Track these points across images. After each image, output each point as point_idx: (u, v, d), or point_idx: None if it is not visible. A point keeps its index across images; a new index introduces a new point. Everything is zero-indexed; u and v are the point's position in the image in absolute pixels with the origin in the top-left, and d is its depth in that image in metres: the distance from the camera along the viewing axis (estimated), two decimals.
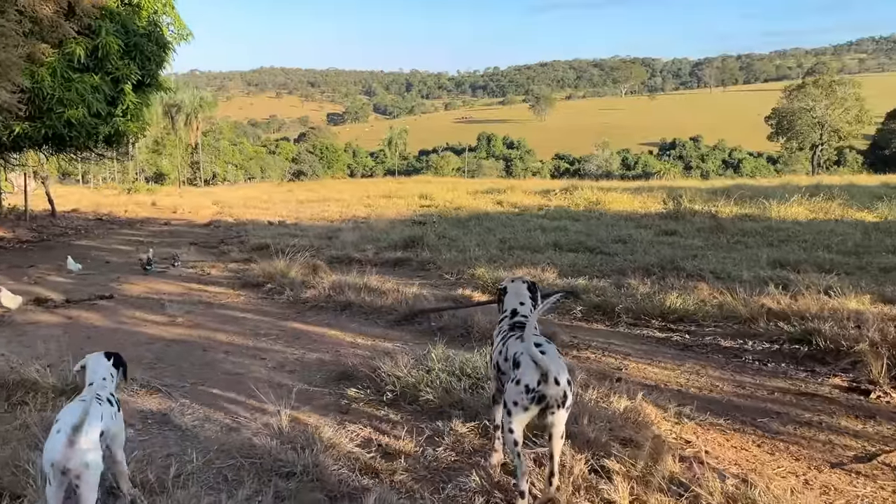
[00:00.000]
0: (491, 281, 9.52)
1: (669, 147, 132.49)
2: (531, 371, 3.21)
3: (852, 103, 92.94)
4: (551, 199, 25.34)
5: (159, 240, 18.29)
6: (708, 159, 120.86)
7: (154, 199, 31.97)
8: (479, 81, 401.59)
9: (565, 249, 13.32)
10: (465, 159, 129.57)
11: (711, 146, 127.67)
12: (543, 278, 9.49)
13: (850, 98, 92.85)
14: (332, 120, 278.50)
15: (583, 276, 9.93)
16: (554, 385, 3.18)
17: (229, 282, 10.90)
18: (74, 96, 13.61)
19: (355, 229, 18.05)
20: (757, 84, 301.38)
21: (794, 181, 34.77)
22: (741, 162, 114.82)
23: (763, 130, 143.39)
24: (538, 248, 13.22)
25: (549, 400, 3.20)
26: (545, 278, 9.51)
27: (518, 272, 10.00)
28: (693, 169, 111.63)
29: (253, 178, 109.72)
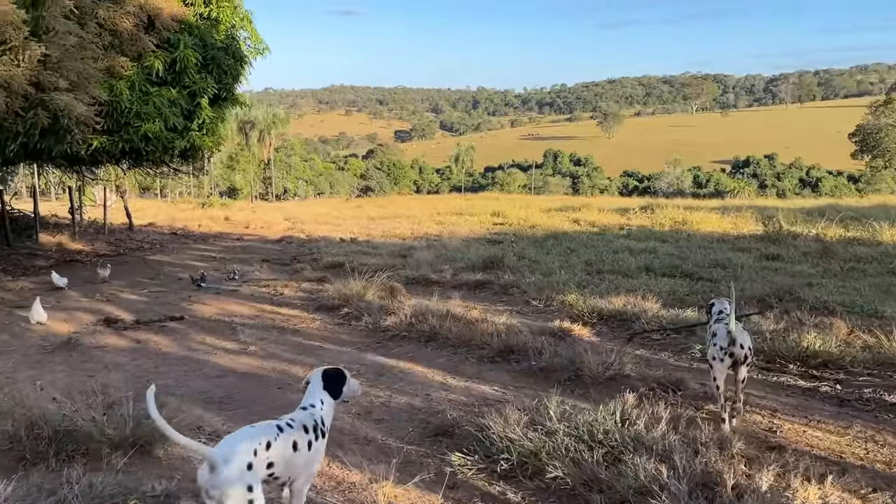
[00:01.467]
0: (587, 310, 8.60)
1: (743, 165, 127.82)
2: (724, 337, 4.69)
3: None
4: (631, 218, 24.13)
5: (232, 255, 18.04)
6: (784, 178, 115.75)
7: (227, 214, 32.19)
8: (546, 98, 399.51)
9: (659, 274, 12.25)
10: (531, 176, 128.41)
11: (787, 164, 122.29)
12: (645, 308, 8.50)
13: None
14: (399, 137, 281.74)
15: (688, 307, 8.88)
16: (739, 348, 4.66)
17: (303, 304, 10.29)
18: (151, 110, 13.40)
19: (429, 248, 17.37)
20: (836, 100, 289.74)
21: (890, 201, 32.42)
22: (820, 181, 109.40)
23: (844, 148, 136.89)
24: (629, 273, 12.19)
25: (736, 357, 4.69)
26: (647, 308, 8.52)
27: (615, 300, 9.04)
28: (768, 187, 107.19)
29: (322, 193, 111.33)
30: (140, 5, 13.81)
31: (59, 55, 10.21)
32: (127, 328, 8.57)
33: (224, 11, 16.27)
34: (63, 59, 10.32)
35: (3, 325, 8.82)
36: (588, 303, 8.81)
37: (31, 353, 7.25)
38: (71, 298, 11.02)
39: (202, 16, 15.95)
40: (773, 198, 76.67)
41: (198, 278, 12.57)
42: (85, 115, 10.48)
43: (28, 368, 6.55)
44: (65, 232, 20.83)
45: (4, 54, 9.26)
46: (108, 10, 13.02)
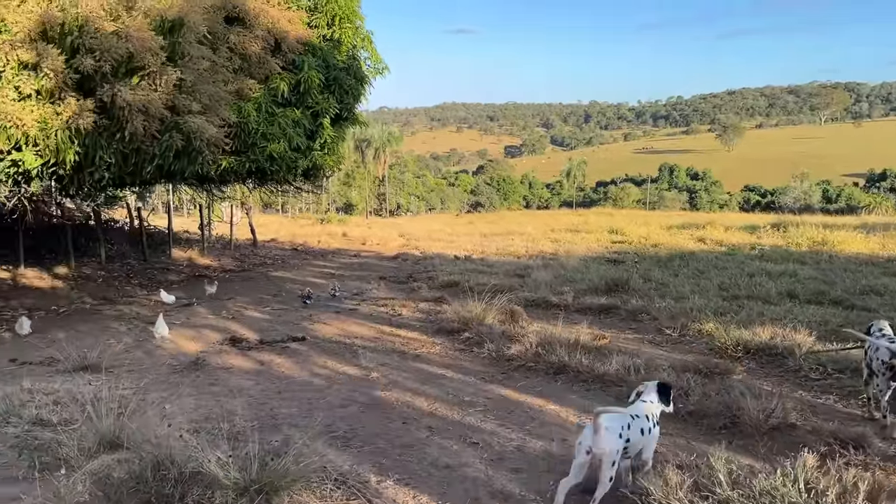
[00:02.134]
0: (731, 342, 7.82)
1: (879, 178, 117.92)
2: (886, 351, 5.10)
3: None
4: (761, 237, 22.57)
5: (350, 272, 18.23)
6: None
7: (345, 231, 32.93)
8: (661, 111, 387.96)
9: (803, 301, 11.16)
10: (645, 191, 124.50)
11: None
12: (797, 341, 7.62)
13: None
14: (509, 152, 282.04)
15: (846, 340, 7.90)
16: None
17: (422, 325, 10.05)
18: (277, 131, 13.69)
19: (546, 267, 16.83)
20: None
21: None
22: None
23: None
24: (770, 299, 11.17)
25: None
26: (799, 341, 7.63)
27: (759, 331, 8.19)
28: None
29: (433, 208, 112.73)
30: (268, 29, 14.19)
31: (192, 79, 10.55)
32: (251, 348, 8.61)
33: (346, 33, 16.52)
34: (196, 83, 10.66)
35: (137, 341, 9.10)
36: (730, 334, 8.02)
37: (162, 373, 7.35)
38: (199, 315, 11.33)
39: (325, 37, 16.27)
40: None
41: (304, 296, 13.04)
42: (215, 137, 10.77)
43: (158, 389, 6.60)
44: (195, 247, 21.87)
45: (143, 79, 9.62)
46: (239, 34, 13.44)
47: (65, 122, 8.75)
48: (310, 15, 16.22)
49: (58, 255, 16.77)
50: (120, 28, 9.26)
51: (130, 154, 10.14)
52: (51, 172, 9.41)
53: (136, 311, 11.44)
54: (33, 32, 8.54)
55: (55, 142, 8.76)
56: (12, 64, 8.44)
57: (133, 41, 9.24)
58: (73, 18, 8.94)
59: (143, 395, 6.18)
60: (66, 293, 13.50)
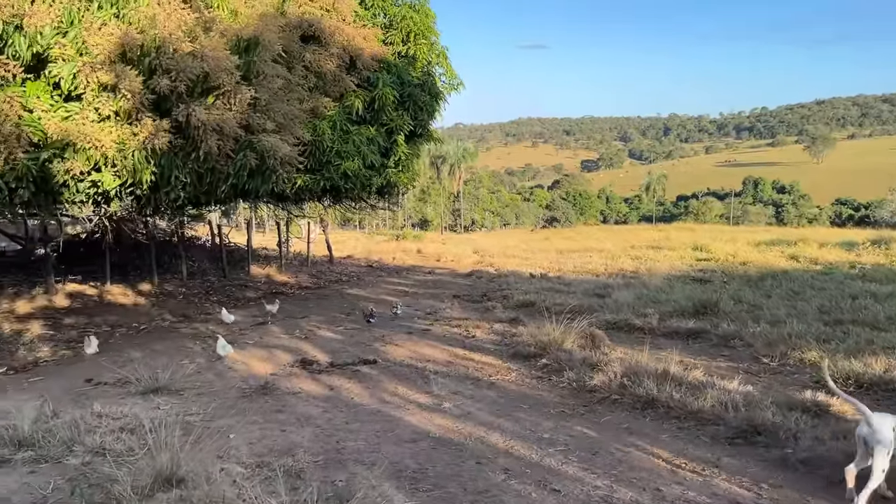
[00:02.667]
0: (839, 375, 7.05)
1: None
2: None
3: None
4: (861, 254, 21.03)
5: (423, 290, 17.99)
6: None
7: (419, 247, 32.85)
8: (745, 123, 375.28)
9: None
10: (729, 205, 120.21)
11: None
12: None
13: None
14: (585, 167, 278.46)
15: None
16: None
17: (496, 349, 9.62)
18: (351, 148, 13.61)
19: (627, 286, 16.10)
20: None
21: None
22: None
23: None
24: (878, 324, 10.15)
25: None
26: None
27: (872, 362, 7.39)
28: None
29: (508, 224, 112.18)
30: (343, 47, 14.18)
31: (267, 98, 10.54)
32: (322, 371, 8.38)
33: (421, 49, 16.39)
34: (271, 102, 10.65)
35: (209, 362, 9.04)
36: (841, 366, 7.23)
37: (230, 397, 7.19)
38: (272, 334, 11.26)
39: (400, 54, 16.18)
40: None
41: (368, 314, 12.79)
42: (289, 156, 10.70)
43: (225, 415, 6.42)
44: (273, 264, 22.13)
45: (218, 98, 9.65)
46: (315, 53, 13.47)
47: (141, 143, 8.82)
48: (385, 32, 16.18)
49: (142, 272, 17.23)
50: (196, 48, 9.31)
51: (205, 173, 10.18)
52: (129, 192, 9.52)
53: (211, 330, 11.45)
54: (113, 54, 8.66)
55: (132, 162, 8.84)
56: (92, 86, 8.58)
57: (208, 61, 9.26)
58: (151, 40, 9.04)
59: (209, 422, 6.00)
60: (147, 310, 13.75)
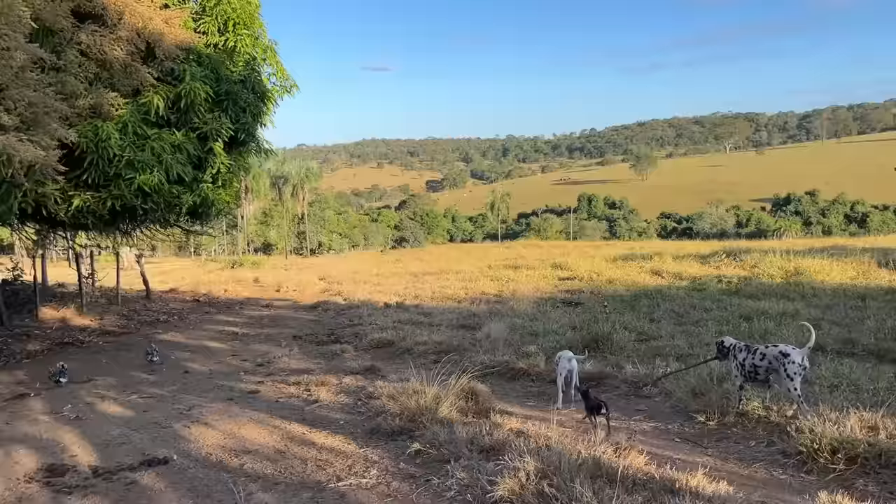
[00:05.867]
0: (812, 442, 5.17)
1: (784, 203, 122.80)
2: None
3: None
4: (720, 267, 20.62)
5: (257, 330, 15.00)
6: (829, 214, 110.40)
7: (257, 276, 29.34)
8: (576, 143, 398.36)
9: (832, 352, 8.81)
10: (567, 221, 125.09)
11: (830, 200, 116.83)
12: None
13: None
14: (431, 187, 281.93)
15: None
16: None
17: (349, 421, 7.03)
18: (149, 157, 10.54)
19: (495, 315, 14.12)
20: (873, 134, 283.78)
21: None
22: (867, 216, 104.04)
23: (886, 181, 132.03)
24: None
25: None
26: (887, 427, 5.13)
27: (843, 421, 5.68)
28: (813, 225, 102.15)
29: (356, 245, 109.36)
30: (137, 30, 11.12)
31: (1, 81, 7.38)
32: (76, 487, 5.41)
33: (243, 41, 13.59)
34: (8, 87, 7.48)
35: None
36: (802, 424, 5.39)
37: None
38: (30, 415, 7.95)
39: (217, 46, 13.28)
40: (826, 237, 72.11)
41: (56, 373, 9.69)
42: (41, 162, 7.56)
43: None
44: (72, 304, 18.05)
45: None
46: (94, 34, 10.31)
47: None
48: (196, 19, 13.24)
49: None
50: None
51: None
52: None
53: None
54: None
55: None
56: None
57: None
58: None
59: None
60: None
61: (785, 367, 5.90)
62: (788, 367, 5.88)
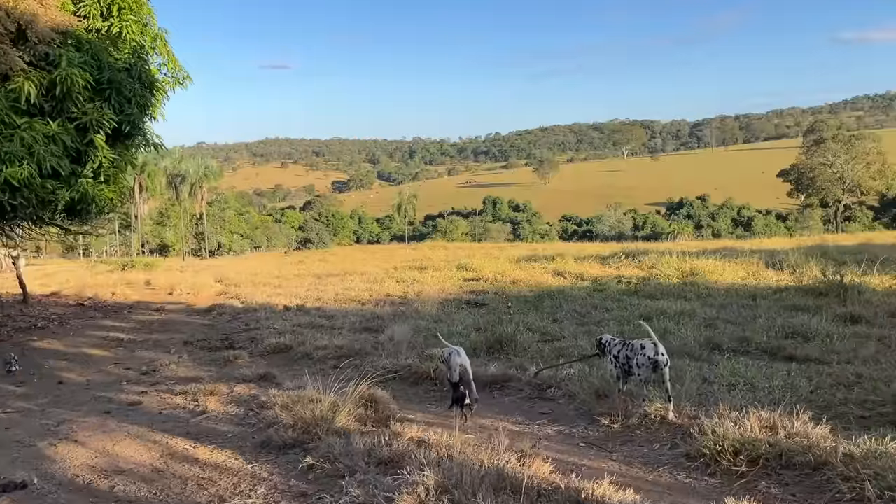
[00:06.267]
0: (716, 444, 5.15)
1: (677, 207, 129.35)
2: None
3: (874, 157, 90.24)
4: (620, 268, 21.13)
5: (145, 336, 14.07)
6: (718, 218, 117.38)
7: (149, 278, 27.76)
8: (482, 147, 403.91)
9: (728, 350, 9.06)
10: (473, 223, 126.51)
11: (719, 205, 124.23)
12: (809, 435, 5.15)
13: (872, 152, 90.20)
14: (337, 188, 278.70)
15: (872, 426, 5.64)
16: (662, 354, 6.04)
17: (237, 434, 6.55)
18: (18, 148, 9.61)
19: (400, 316, 13.84)
20: (758, 143, 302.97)
21: (876, 239, 30.70)
22: (752, 220, 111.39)
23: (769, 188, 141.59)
24: (693, 353, 8.91)
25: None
26: (812, 435, 5.17)
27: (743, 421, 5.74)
28: (704, 228, 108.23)
29: (258, 247, 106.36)
30: (6, 10, 10.17)
31: None
32: None
33: (129, 27, 12.70)
34: None
35: None
36: (704, 425, 5.39)
37: None
38: None
39: (100, 31, 12.35)
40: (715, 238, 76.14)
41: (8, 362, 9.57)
42: None
43: None
44: None
45: None
46: None
47: None
48: (77, 1, 12.27)
49: None
50: None
51: None
52: None
53: None
54: None
55: None
56: None
57: None
58: None
59: None
60: None
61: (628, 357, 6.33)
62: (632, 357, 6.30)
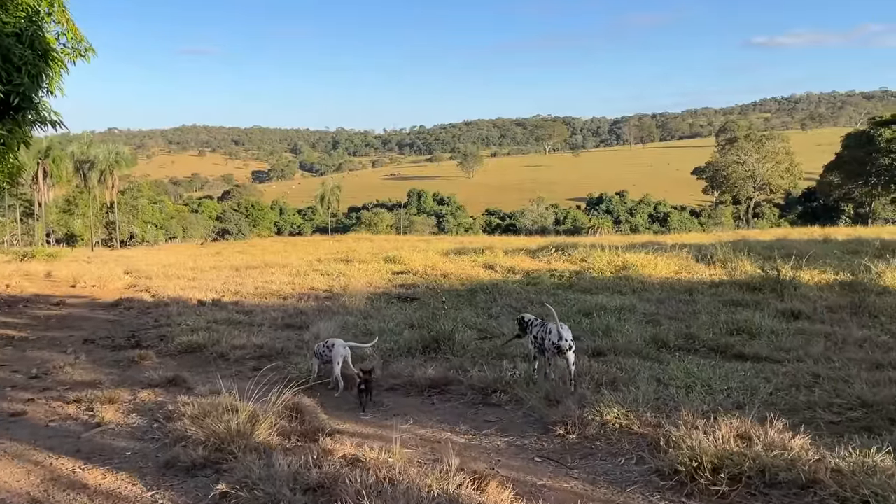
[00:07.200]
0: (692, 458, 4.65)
1: (597, 202, 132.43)
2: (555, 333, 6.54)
3: (783, 157, 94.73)
4: (551, 262, 20.82)
5: (41, 333, 12.67)
6: (636, 213, 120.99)
7: (50, 269, 25.67)
8: (406, 139, 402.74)
9: (675, 348, 8.70)
10: (398, 215, 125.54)
11: (637, 201, 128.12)
12: (790, 446, 4.72)
13: (781, 152, 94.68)
14: (257, 178, 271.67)
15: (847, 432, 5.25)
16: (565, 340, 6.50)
17: (137, 454, 5.59)
18: None
19: (325, 312, 12.96)
20: (673, 141, 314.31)
21: (791, 234, 31.69)
22: (668, 216, 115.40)
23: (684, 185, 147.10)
24: (637, 350, 8.48)
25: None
26: (793, 446, 4.76)
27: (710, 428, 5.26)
28: (622, 223, 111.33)
29: (174, 237, 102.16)
30: None
31: None
32: None
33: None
34: None
35: None
36: (672, 435, 4.86)
37: None
38: None
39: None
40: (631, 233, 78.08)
41: None
42: None
43: None
44: None
45: None
46: None
47: None
48: None
49: None
50: None
51: None
52: None
53: None
54: None
55: None
56: None
57: None
58: None
59: None
60: None
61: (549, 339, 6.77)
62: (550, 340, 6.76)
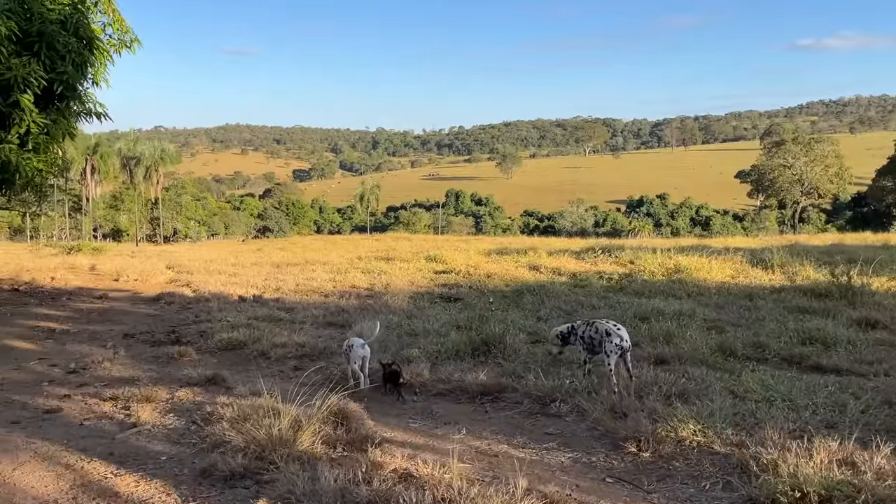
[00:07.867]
0: (791, 484, 4.10)
1: (637, 205, 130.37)
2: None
3: (832, 160, 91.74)
4: (597, 263, 20.15)
5: (82, 326, 12.54)
6: (677, 217, 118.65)
7: (94, 263, 25.86)
8: (445, 140, 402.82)
9: (743, 357, 8.05)
10: (435, 215, 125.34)
11: (678, 204, 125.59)
12: (887, 472, 4.13)
13: (830, 155, 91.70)
14: (297, 176, 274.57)
15: None
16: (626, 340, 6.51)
17: (173, 459, 5.23)
18: None
19: (367, 310, 12.56)
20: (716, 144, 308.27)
21: (845, 240, 30.39)
22: (710, 220, 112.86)
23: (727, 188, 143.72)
24: (703, 359, 7.86)
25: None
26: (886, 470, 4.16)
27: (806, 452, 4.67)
28: (663, 226, 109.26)
29: (216, 234, 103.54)
30: None
31: None
32: None
33: None
34: None
35: None
36: (763, 458, 4.30)
37: None
38: None
39: None
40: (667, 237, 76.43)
41: None
42: None
43: None
44: None
45: None
46: None
47: None
48: None
49: None
50: None
51: None
52: None
53: None
54: None
55: None
56: None
57: None
58: None
59: None
60: None
61: None
62: None
